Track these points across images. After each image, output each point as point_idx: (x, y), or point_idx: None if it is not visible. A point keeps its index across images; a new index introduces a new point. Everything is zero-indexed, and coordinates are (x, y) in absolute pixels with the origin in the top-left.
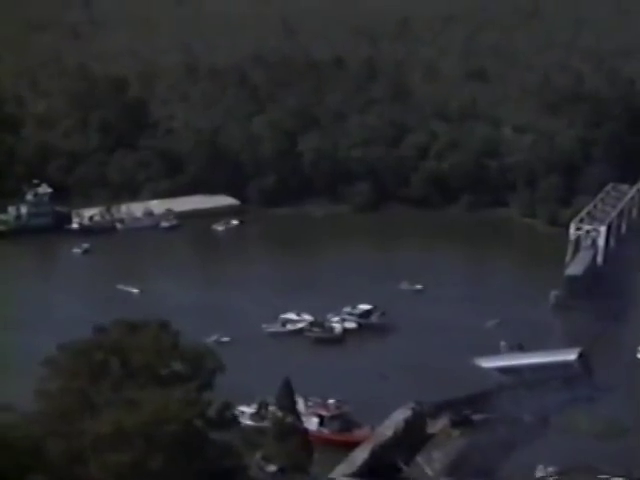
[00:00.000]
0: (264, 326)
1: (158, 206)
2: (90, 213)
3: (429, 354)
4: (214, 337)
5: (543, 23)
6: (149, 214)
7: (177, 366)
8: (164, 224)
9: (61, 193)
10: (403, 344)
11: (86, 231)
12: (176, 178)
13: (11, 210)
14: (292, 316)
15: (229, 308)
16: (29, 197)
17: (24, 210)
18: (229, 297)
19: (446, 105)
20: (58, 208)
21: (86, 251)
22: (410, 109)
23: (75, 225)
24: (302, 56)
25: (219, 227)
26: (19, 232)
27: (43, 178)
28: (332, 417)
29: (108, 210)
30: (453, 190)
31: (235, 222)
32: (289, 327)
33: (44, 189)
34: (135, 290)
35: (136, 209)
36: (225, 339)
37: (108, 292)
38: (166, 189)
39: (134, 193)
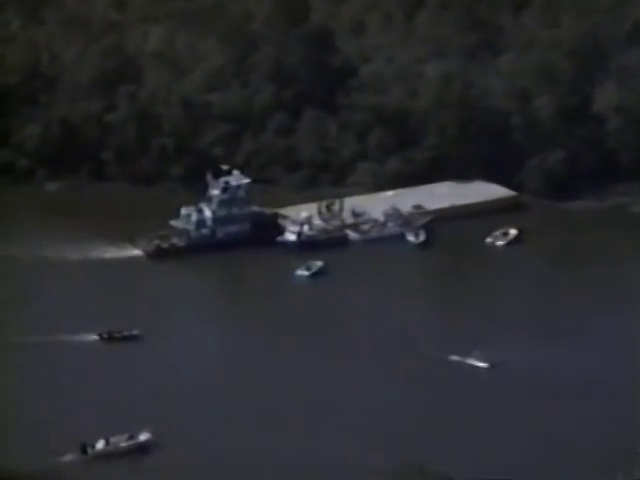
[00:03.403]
0: None
1: (395, 201)
2: (301, 214)
3: None
4: None
5: None
6: (394, 216)
7: None
8: (411, 237)
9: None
10: None
11: (307, 245)
12: (406, 153)
13: (186, 213)
14: None
15: None
16: (214, 192)
17: (208, 212)
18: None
19: None
20: (255, 207)
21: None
22: None
23: (291, 235)
24: None
25: (498, 241)
26: (201, 248)
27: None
28: None
29: (329, 209)
30: None
31: (513, 232)
32: None
33: (237, 178)
34: (483, 364)
35: (364, 206)
36: None
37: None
38: (390, 173)
39: (337, 178)
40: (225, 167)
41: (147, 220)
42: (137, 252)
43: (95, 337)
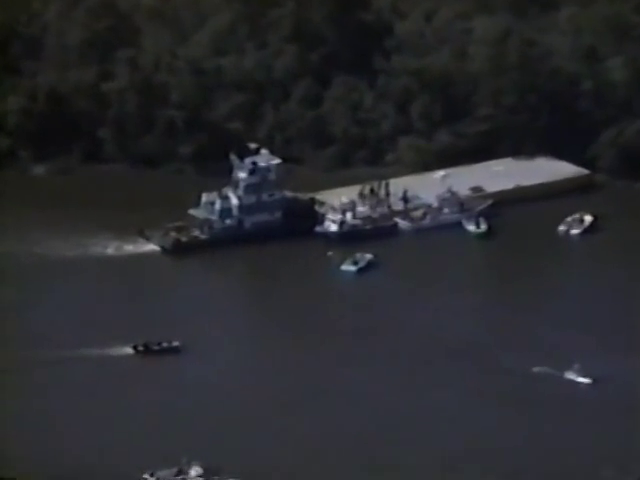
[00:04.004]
0: None
1: (448, 182)
2: (340, 199)
3: None
4: None
5: None
6: (450, 201)
7: None
8: (470, 226)
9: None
10: None
11: (351, 236)
12: (455, 126)
13: (208, 201)
14: None
15: None
16: (240, 174)
17: (234, 199)
18: None
19: None
20: (287, 193)
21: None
22: None
23: (332, 225)
24: None
25: (573, 229)
26: (227, 241)
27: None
28: None
29: (372, 193)
30: None
31: (588, 218)
32: None
33: (266, 158)
34: (584, 379)
35: (412, 188)
36: None
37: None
38: (438, 149)
39: (375, 156)
40: (252, 145)
41: (155, 209)
42: (151, 247)
43: (129, 350)
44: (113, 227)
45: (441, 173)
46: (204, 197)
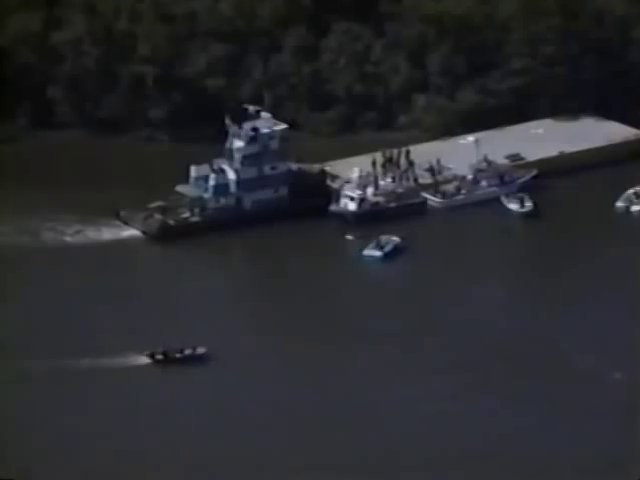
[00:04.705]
0: None
1: (480, 149)
2: (357, 171)
3: None
4: None
5: None
6: (488, 172)
7: None
8: (513, 204)
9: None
10: None
11: (373, 216)
12: (482, 80)
13: (200, 175)
14: None
15: None
16: (237, 143)
17: (231, 173)
18: None
19: None
20: (293, 164)
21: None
22: None
23: (349, 202)
24: None
25: (634, 205)
26: (224, 224)
27: None
28: None
29: (392, 162)
30: None
31: None
32: None
33: (268, 122)
34: None
35: (437, 157)
36: None
37: None
38: (461, 109)
39: (385, 118)
40: (252, 107)
41: (126, 185)
42: (131, 232)
43: (144, 359)
44: (80, 207)
45: (470, 138)
46: (194, 171)
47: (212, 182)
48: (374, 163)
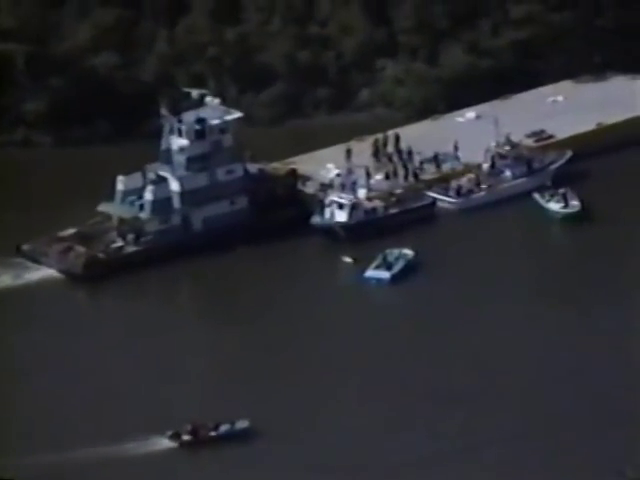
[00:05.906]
0: None
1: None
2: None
3: None
4: None
5: None
6: (512, 158)
7: None
8: (550, 200)
9: None
10: None
11: (366, 228)
12: (472, 34)
13: (129, 188)
14: None
15: None
16: (179, 141)
17: (174, 182)
18: None
19: None
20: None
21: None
22: None
23: (338, 212)
24: None
25: None
26: (168, 252)
27: None
28: None
29: (379, 152)
30: None
31: None
32: None
33: (217, 111)
34: None
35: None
36: None
37: None
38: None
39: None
40: (194, 91)
41: (14, 206)
42: (43, 272)
43: (167, 442)
44: None
45: (470, 114)
46: (120, 183)
47: (149, 196)
48: (348, 153)
